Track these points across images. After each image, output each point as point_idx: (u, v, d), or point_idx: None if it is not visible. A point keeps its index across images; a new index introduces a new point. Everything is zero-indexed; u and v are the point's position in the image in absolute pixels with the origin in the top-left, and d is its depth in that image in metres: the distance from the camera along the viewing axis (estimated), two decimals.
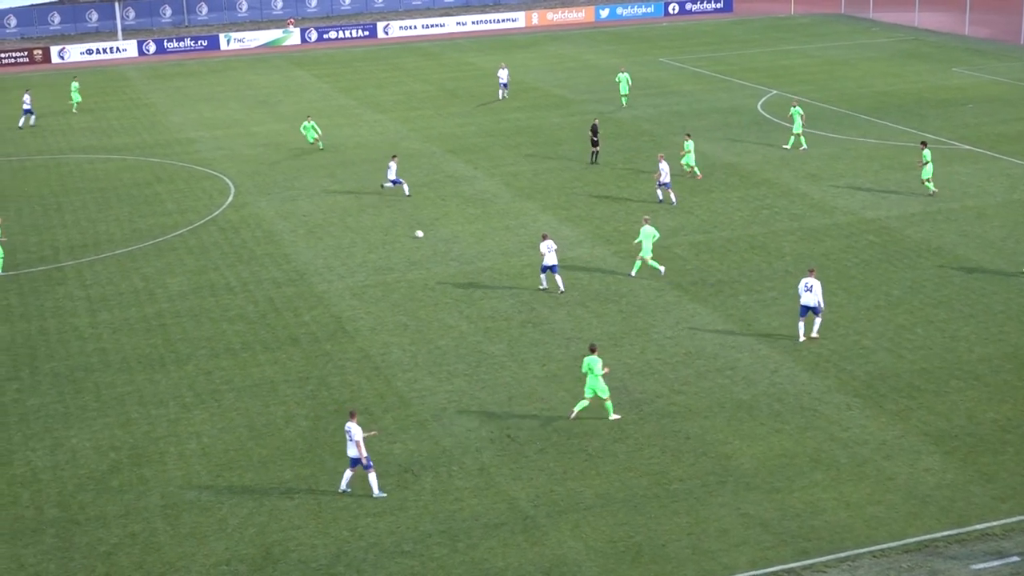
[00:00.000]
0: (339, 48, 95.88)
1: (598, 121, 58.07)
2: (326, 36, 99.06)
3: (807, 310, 34.68)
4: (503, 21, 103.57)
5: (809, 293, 34.41)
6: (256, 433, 30.50)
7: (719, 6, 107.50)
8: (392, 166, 50.99)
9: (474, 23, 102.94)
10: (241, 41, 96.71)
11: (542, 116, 66.72)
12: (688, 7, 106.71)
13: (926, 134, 57.86)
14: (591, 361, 30.03)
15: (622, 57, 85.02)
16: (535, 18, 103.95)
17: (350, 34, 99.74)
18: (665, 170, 48.14)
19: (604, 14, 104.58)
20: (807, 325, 35.05)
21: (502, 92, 72.03)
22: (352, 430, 26.92)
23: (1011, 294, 38.00)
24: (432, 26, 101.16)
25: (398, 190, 51.30)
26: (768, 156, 55.76)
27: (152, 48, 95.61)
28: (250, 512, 26.79)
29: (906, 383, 31.99)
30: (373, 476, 27.10)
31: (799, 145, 56.64)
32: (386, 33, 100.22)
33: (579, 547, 25.09)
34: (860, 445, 28.81)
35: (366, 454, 27.09)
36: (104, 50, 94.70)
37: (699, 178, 51.84)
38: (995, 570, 23.85)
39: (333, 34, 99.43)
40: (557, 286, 39.13)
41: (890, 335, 35.12)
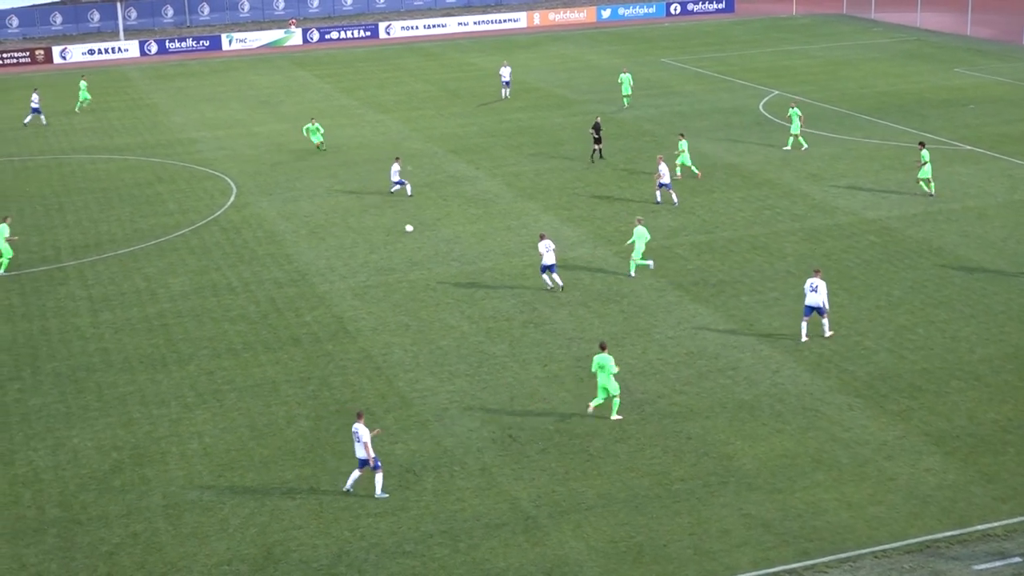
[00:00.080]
0: (341, 48, 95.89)
1: (600, 119, 58.07)
2: (328, 36, 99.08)
3: (812, 310, 34.69)
4: (505, 21, 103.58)
5: (815, 293, 34.40)
6: (258, 433, 30.52)
7: (721, 6, 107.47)
8: (395, 167, 51.07)
9: (476, 23, 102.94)
10: (243, 41, 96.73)
11: (544, 116, 66.73)
12: (690, 7, 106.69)
13: (927, 134, 57.86)
14: (602, 359, 30.03)
15: (624, 57, 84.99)
16: (537, 18, 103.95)
17: (352, 34, 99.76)
18: (665, 171, 48.17)
19: (606, 14, 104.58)
20: (811, 326, 35.05)
21: (505, 91, 72.08)
22: (360, 431, 26.93)
23: (1012, 294, 38.00)
24: (434, 26, 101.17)
25: (401, 191, 51.34)
26: (770, 156, 55.76)
27: (154, 48, 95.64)
28: (252, 512, 26.81)
29: (907, 383, 32.00)
30: (380, 477, 27.11)
31: (799, 145, 56.63)
32: (388, 33, 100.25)
33: (581, 547, 25.10)
34: (861, 445, 28.82)
35: (375, 455, 27.13)
36: (106, 50, 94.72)
37: (699, 177, 51.85)
38: (997, 571, 23.85)
39: (335, 34, 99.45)
40: (557, 284, 39.23)
41: (891, 335, 35.12)
